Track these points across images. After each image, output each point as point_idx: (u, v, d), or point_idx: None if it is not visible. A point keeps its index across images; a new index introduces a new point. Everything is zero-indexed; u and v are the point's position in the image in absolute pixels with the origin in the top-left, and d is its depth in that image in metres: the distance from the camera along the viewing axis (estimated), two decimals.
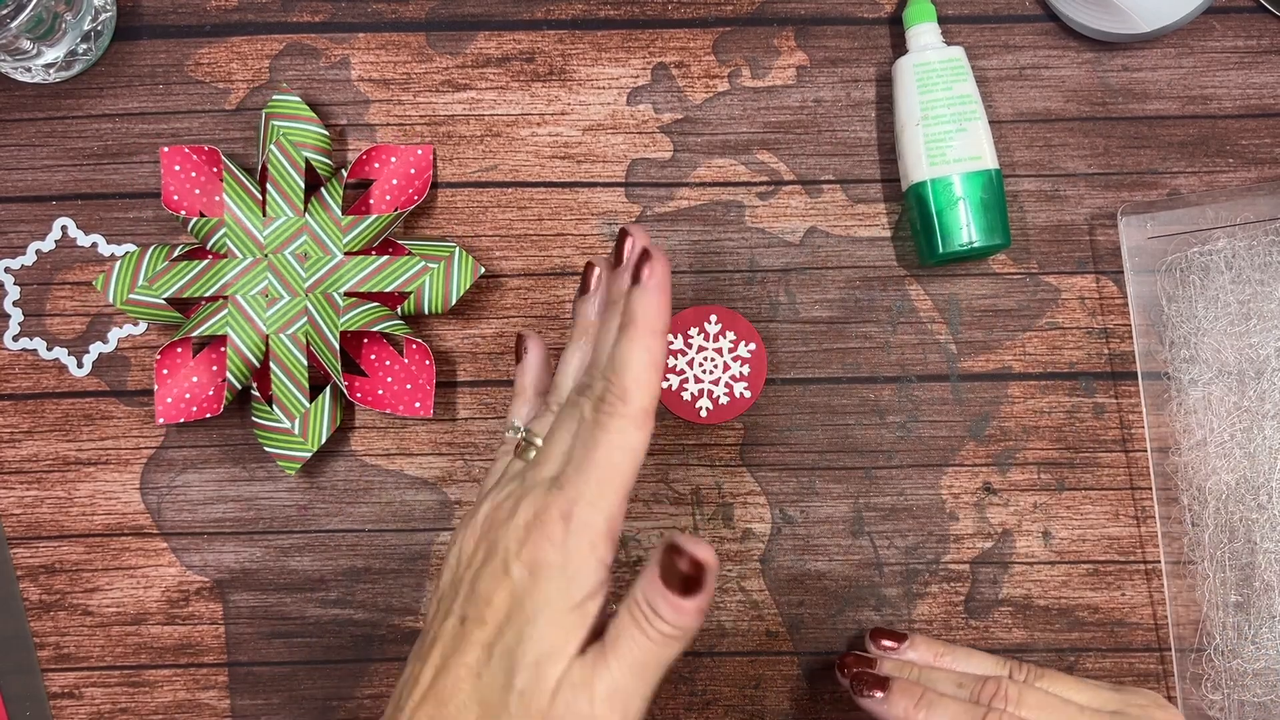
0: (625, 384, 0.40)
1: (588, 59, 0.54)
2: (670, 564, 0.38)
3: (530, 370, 0.46)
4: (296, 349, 0.51)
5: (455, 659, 0.38)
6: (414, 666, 0.40)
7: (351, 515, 0.53)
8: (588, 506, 0.39)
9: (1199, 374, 0.52)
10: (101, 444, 0.53)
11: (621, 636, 0.38)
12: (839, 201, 0.54)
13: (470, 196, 0.54)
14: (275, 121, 0.52)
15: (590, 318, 0.44)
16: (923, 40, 0.52)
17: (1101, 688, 0.46)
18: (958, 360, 0.54)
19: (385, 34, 0.54)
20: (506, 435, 0.46)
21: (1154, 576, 0.53)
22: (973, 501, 0.53)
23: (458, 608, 0.40)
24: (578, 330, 0.44)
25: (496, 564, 0.39)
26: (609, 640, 0.38)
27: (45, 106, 0.54)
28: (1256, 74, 0.54)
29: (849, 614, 0.53)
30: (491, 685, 0.38)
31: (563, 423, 0.41)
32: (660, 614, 0.38)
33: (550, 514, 0.39)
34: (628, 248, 0.42)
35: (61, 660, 0.53)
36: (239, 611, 0.53)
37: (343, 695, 0.53)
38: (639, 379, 0.40)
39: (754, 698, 0.53)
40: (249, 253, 0.51)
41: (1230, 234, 0.52)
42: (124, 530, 0.53)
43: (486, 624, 0.38)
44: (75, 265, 0.54)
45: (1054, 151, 0.54)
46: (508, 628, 0.38)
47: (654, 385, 0.40)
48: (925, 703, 0.43)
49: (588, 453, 0.39)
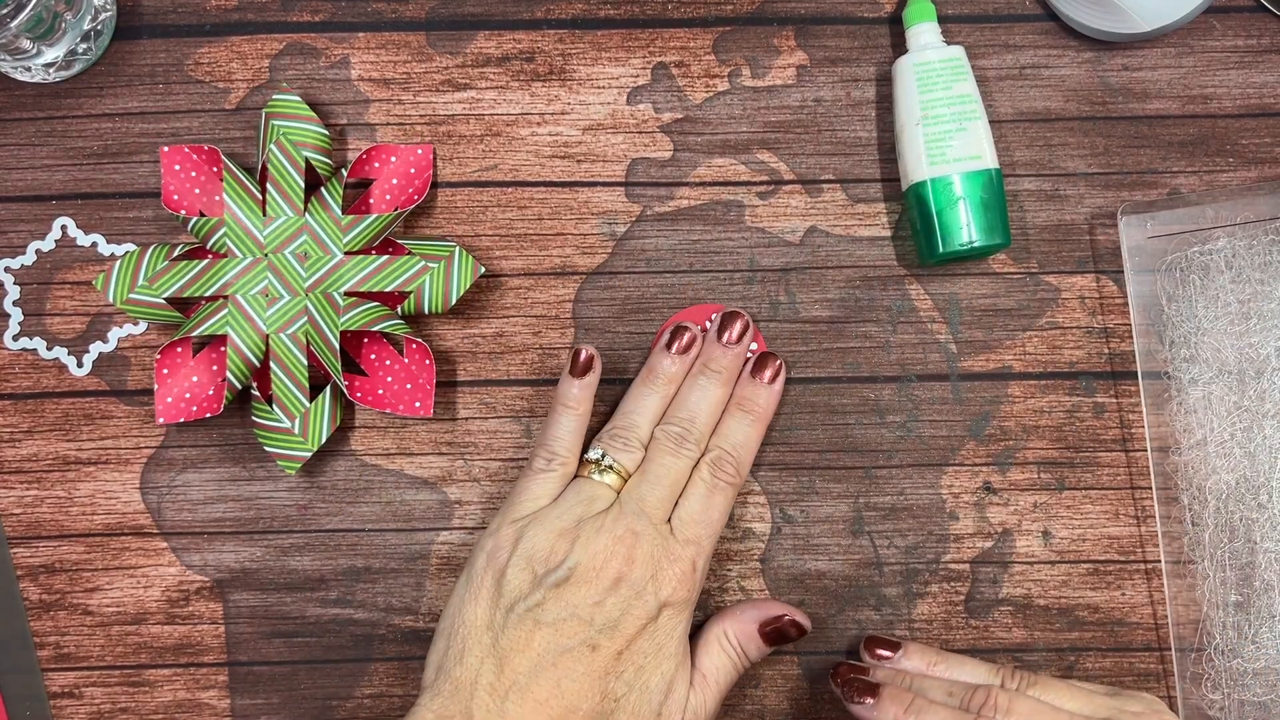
0: (742, 460, 0.49)
1: (588, 59, 0.54)
2: (778, 624, 0.48)
3: (589, 387, 0.50)
4: (296, 349, 0.51)
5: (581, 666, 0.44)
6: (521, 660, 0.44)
7: (351, 515, 0.53)
8: (706, 560, 0.47)
9: (1199, 373, 0.52)
10: (101, 444, 0.53)
11: (721, 671, 0.47)
12: (839, 201, 0.54)
13: (470, 196, 0.54)
14: (275, 121, 0.52)
15: (673, 372, 0.50)
16: (923, 40, 0.52)
17: (1096, 692, 0.46)
18: (958, 360, 0.54)
19: (385, 34, 0.54)
20: (567, 449, 0.49)
21: (1154, 576, 0.53)
22: (973, 501, 0.53)
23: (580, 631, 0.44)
24: (657, 379, 0.50)
25: (636, 601, 0.45)
26: (709, 671, 0.47)
27: (45, 106, 0.54)
28: (1256, 74, 0.54)
29: (849, 614, 0.53)
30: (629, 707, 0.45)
31: (670, 470, 0.48)
32: (749, 656, 0.48)
33: (685, 563, 0.46)
34: (739, 329, 0.50)
35: (61, 660, 0.53)
36: (239, 611, 0.53)
37: (343, 695, 0.53)
38: (751, 458, 0.49)
39: (754, 698, 0.53)
40: (249, 252, 0.51)
41: (1230, 233, 0.52)
42: (124, 530, 0.53)
43: (616, 641, 0.45)
44: (75, 265, 0.54)
45: (1054, 151, 0.54)
46: (635, 646, 0.45)
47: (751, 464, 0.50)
48: (914, 709, 0.44)
49: (709, 512, 0.47)
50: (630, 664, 0.45)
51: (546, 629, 0.44)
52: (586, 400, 0.49)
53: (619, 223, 0.54)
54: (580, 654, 0.44)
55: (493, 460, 0.53)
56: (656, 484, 0.47)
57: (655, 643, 0.45)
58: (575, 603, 0.44)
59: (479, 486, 0.53)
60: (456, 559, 0.53)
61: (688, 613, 0.46)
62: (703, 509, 0.47)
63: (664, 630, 0.45)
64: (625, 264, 0.54)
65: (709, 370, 0.49)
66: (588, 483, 0.47)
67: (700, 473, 0.48)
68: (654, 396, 0.49)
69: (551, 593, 0.44)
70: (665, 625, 0.45)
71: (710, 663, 0.47)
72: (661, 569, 0.45)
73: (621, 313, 0.54)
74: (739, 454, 0.48)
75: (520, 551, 0.45)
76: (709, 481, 0.47)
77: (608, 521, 0.46)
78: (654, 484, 0.47)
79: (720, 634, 0.48)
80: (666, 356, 0.50)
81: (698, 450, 0.48)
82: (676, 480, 0.47)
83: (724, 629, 0.48)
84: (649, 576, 0.45)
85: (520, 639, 0.44)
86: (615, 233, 0.54)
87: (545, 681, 0.44)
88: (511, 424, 0.53)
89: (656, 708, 0.45)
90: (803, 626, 0.48)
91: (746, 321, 0.50)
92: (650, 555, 0.45)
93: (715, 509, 0.47)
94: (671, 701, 0.45)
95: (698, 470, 0.48)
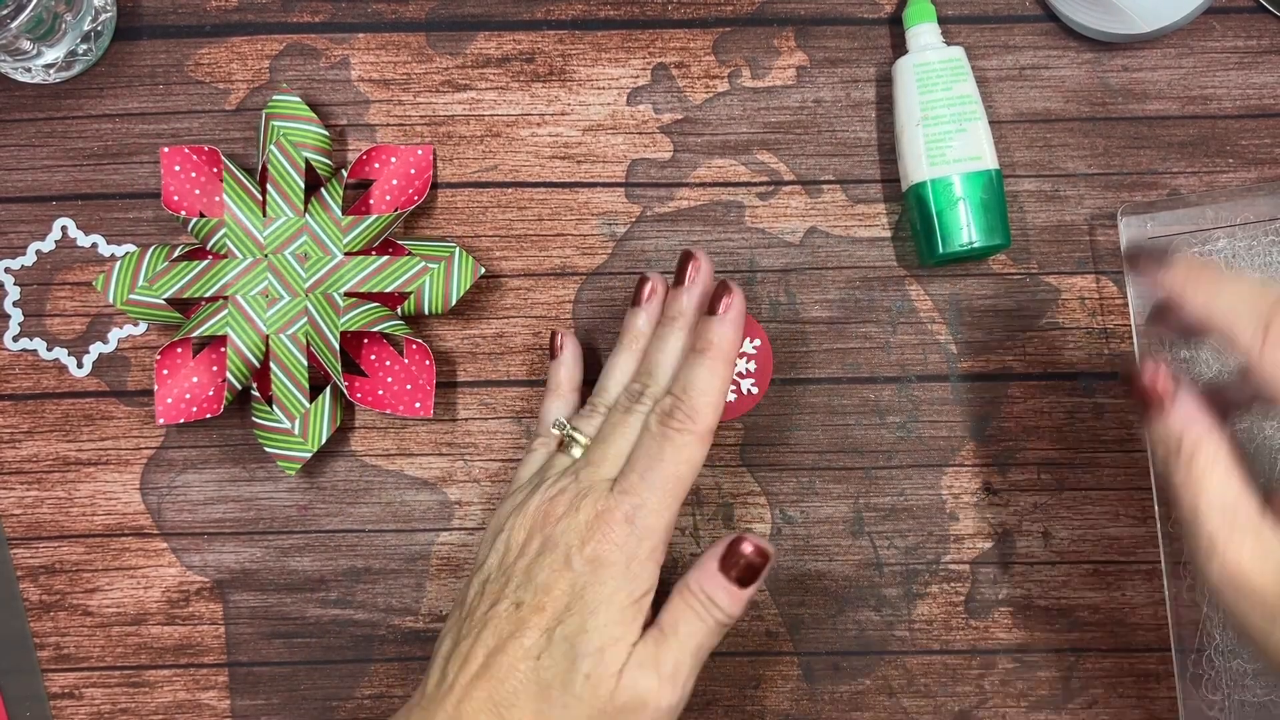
0: (696, 404, 0.43)
1: (588, 59, 0.54)
2: (733, 554, 0.43)
3: (565, 366, 0.49)
4: (296, 349, 0.51)
5: (513, 642, 0.41)
6: (461, 644, 0.42)
7: (351, 515, 0.53)
8: (651, 514, 0.42)
9: (1199, 374, 0.52)
10: (101, 444, 0.53)
11: (680, 622, 0.42)
12: (839, 201, 0.54)
13: (470, 196, 0.54)
14: (275, 122, 0.52)
15: (642, 329, 0.47)
16: (923, 40, 0.52)
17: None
18: (958, 360, 0.54)
19: (385, 34, 0.54)
20: (549, 430, 0.48)
21: (1154, 576, 0.53)
22: (973, 501, 0.53)
23: (511, 593, 0.42)
24: (628, 338, 0.47)
25: (557, 557, 0.42)
26: (666, 625, 0.42)
27: (45, 106, 0.54)
28: (1256, 74, 0.54)
29: (849, 614, 0.53)
30: (553, 668, 0.41)
31: (618, 427, 0.45)
32: (717, 602, 0.43)
33: (615, 516, 0.42)
34: (691, 270, 0.46)
35: (61, 660, 0.53)
36: (239, 611, 0.53)
37: (343, 695, 0.53)
38: (710, 401, 0.44)
39: (754, 698, 0.53)
40: (249, 253, 0.51)
41: (1230, 234, 0.52)
42: (124, 530, 0.53)
43: (545, 611, 0.41)
44: (75, 265, 0.54)
45: (1054, 151, 0.54)
46: (568, 616, 0.41)
47: (720, 407, 0.44)
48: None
49: (653, 463, 0.43)
50: (554, 619, 0.41)
51: (485, 600, 0.43)
52: (568, 380, 0.50)
53: (619, 223, 0.54)
54: (507, 614, 0.42)
55: (493, 461, 0.53)
56: (606, 443, 0.44)
57: (583, 600, 0.41)
58: (507, 566, 0.43)
59: (479, 487, 0.53)
60: (456, 559, 0.53)
61: (624, 572, 0.42)
62: (647, 460, 0.43)
63: (592, 587, 0.41)
64: (625, 265, 0.54)
65: (667, 319, 0.46)
66: (554, 456, 0.47)
67: (648, 424, 0.44)
68: (625, 356, 0.47)
69: (497, 567, 0.44)
70: (592, 581, 0.42)
71: (669, 616, 0.43)
72: (590, 526, 0.42)
73: (621, 313, 0.54)
74: (692, 399, 0.44)
75: (486, 539, 0.45)
76: (655, 431, 0.43)
77: (544, 488, 0.44)
78: (604, 443, 0.45)
79: (681, 587, 0.43)
80: (634, 313, 0.48)
81: (651, 403, 0.45)
82: (627, 436, 0.44)
83: (684, 581, 0.44)
84: (571, 530, 0.42)
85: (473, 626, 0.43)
86: (615, 233, 0.54)
87: (479, 651, 0.42)
88: (511, 424, 0.53)
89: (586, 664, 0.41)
90: (763, 549, 0.43)
91: (700, 261, 0.46)
92: (573, 511, 0.43)
93: (664, 460, 0.43)
94: (609, 657, 0.41)
95: (646, 421, 0.44)
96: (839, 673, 0.53)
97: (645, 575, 0.42)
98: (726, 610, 0.43)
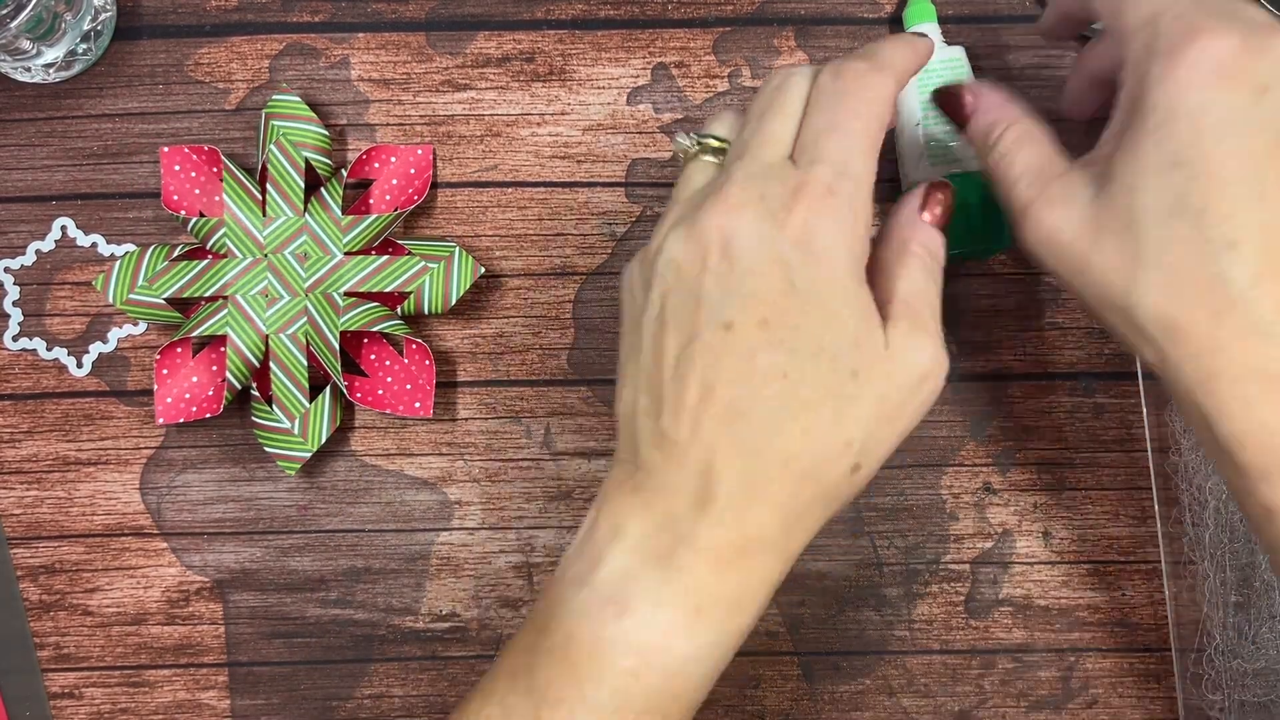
0: (872, 49, 0.37)
1: (588, 59, 0.54)
2: (932, 199, 0.38)
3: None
4: (296, 349, 0.51)
5: (744, 371, 0.34)
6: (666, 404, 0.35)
7: (351, 515, 0.53)
8: (853, 177, 0.35)
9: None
10: (101, 444, 0.53)
11: (918, 281, 0.37)
12: None
13: (470, 196, 0.54)
14: (275, 121, 0.52)
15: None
16: None
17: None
18: (958, 360, 0.54)
19: (385, 34, 0.54)
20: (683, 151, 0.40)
21: (1154, 576, 0.53)
22: (973, 501, 0.53)
23: (709, 318, 0.35)
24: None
25: (759, 257, 0.34)
26: (908, 298, 0.36)
27: (45, 106, 0.54)
28: None
29: (849, 614, 0.53)
30: (811, 380, 0.34)
31: (774, 103, 0.37)
32: (934, 252, 0.38)
33: (814, 190, 0.35)
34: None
35: (61, 660, 0.53)
36: (239, 611, 0.53)
37: (343, 695, 0.53)
38: (893, 48, 0.37)
39: (754, 698, 0.53)
40: (249, 253, 0.51)
41: None
42: (124, 530, 0.53)
43: (769, 322, 0.34)
44: (75, 265, 0.54)
45: None
46: (800, 317, 0.34)
47: (905, 57, 0.38)
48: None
49: (837, 120, 0.35)
50: (783, 327, 0.34)
51: (671, 338, 0.35)
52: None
53: (619, 223, 0.54)
54: (720, 342, 0.34)
55: (493, 460, 0.53)
56: (764, 120, 0.37)
57: (812, 294, 0.34)
58: (687, 290, 0.35)
59: (479, 487, 0.53)
60: (456, 559, 0.53)
61: (847, 251, 0.35)
62: (828, 117, 0.35)
63: (816, 278, 0.34)
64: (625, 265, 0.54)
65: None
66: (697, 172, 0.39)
67: (819, 83, 0.36)
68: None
69: (673, 296, 0.36)
70: (814, 271, 0.34)
71: (904, 281, 0.37)
72: (787, 209, 0.34)
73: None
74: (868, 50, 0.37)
75: (633, 276, 0.39)
76: (828, 87, 0.36)
77: (701, 195, 0.37)
78: (761, 122, 0.37)
79: (900, 250, 0.37)
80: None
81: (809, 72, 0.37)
82: (787, 110, 0.37)
83: (898, 243, 0.37)
84: (764, 221, 0.34)
85: (653, 351, 0.36)
86: (615, 233, 0.54)
87: (693, 384, 0.34)
88: (511, 424, 0.53)
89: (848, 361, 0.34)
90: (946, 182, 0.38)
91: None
92: (758, 200, 0.35)
93: (850, 111, 0.35)
94: (867, 345, 0.35)
95: (815, 82, 0.37)
96: (839, 673, 0.53)
97: (865, 248, 0.36)
98: (939, 258, 0.38)
